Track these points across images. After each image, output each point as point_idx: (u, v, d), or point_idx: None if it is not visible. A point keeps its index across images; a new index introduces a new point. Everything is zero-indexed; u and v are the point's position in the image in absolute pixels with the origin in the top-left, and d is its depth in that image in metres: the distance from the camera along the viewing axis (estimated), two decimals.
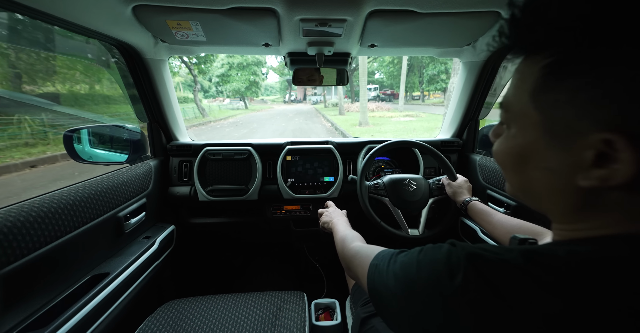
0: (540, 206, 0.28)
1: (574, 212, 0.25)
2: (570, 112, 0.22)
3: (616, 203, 0.22)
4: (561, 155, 0.23)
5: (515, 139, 0.27)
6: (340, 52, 0.98)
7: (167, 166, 1.14)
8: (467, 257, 0.24)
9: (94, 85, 8.39)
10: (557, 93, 0.22)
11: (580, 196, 0.23)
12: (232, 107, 22.65)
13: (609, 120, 0.20)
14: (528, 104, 0.24)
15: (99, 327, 0.65)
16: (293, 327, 0.73)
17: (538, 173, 0.26)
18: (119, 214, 0.80)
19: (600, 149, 0.20)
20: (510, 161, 0.28)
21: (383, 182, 0.96)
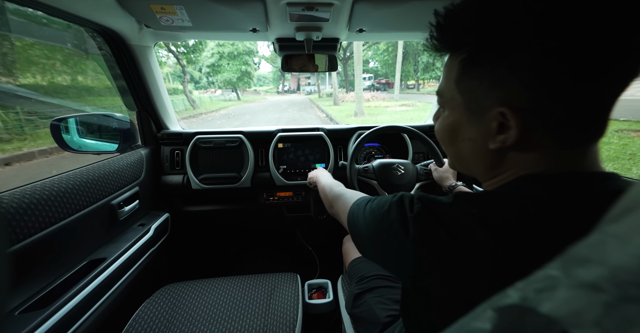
0: (470, 171, 0.37)
1: (490, 169, 0.33)
2: (480, 94, 0.29)
3: (512, 159, 0.31)
4: (477, 127, 0.31)
5: (448, 118, 0.35)
6: (329, 37, 0.97)
7: (158, 155, 1.14)
8: (418, 198, 0.33)
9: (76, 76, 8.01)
10: (471, 79, 0.30)
11: (492, 156, 0.32)
12: (224, 99, 22.22)
13: (501, 98, 0.28)
14: (454, 90, 0.32)
15: (97, 310, 0.67)
16: (287, 305, 0.77)
17: (464, 143, 0.34)
18: (112, 202, 0.81)
19: (499, 120, 0.28)
20: (446, 136, 0.36)
21: (372, 166, 0.98)
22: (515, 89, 0.27)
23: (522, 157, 0.30)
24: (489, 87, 0.28)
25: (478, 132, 0.31)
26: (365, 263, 0.80)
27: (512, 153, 0.30)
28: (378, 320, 0.62)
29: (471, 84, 0.30)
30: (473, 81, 0.29)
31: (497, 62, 0.27)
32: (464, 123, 0.33)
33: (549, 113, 0.26)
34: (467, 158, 0.35)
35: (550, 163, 0.29)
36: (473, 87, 0.30)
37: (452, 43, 0.30)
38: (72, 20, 0.74)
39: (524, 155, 0.30)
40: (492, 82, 0.28)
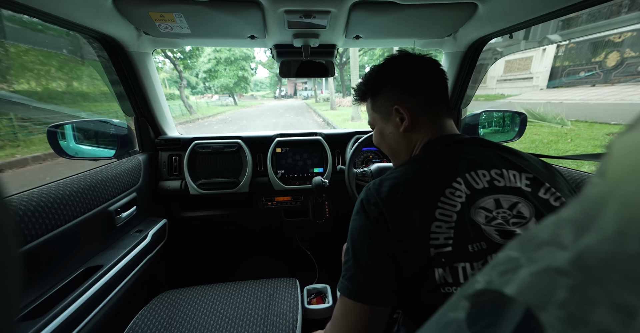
0: (400, 157, 0.58)
1: (407, 147, 0.56)
2: (383, 106, 0.57)
3: (415, 136, 0.55)
4: (390, 124, 0.56)
5: (377, 128, 0.61)
6: (326, 43, 0.99)
7: (156, 160, 1.14)
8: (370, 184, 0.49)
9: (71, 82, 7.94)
10: (377, 102, 0.59)
11: (404, 138, 0.55)
12: (221, 104, 22.24)
13: (392, 104, 0.55)
14: (373, 113, 0.61)
15: (94, 318, 0.66)
16: (286, 311, 0.76)
17: (389, 138, 0.58)
18: (109, 208, 0.80)
19: (398, 115, 0.54)
20: (379, 138, 0.60)
21: (370, 170, 0.99)
22: (396, 96, 0.55)
23: (419, 133, 0.54)
24: (385, 101, 0.56)
25: (392, 126, 0.56)
26: None
27: (413, 133, 0.54)
28: None
29: (378, 104, 0.58)
30: (378, 102, 0.58)
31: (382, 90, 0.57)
32: (384, 126, 0.58)
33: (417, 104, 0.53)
34: (394, 147, 0.58)
35: (431, 133, 0.53)
36: (380, 105, 0.58)
37: (363, 94, 0.61)
38: (72, 28, 0.75)
39: (419, 132, 0.54)
40: (385, 98, 0.57)
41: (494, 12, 0.77)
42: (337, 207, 1.24)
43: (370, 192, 0.46)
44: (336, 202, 1.24)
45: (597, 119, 5.81)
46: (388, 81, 0.55)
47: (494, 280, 0.13)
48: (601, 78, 11.53)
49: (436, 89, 0.55)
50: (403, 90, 0.54)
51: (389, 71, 0.56)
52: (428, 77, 0.54)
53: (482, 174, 0.44)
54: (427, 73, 0.55)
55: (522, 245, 0.13)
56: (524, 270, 0.12)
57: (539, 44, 12.04)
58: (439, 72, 0.55)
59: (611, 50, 11.56)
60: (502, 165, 0.45)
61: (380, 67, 0.58)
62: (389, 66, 0.57)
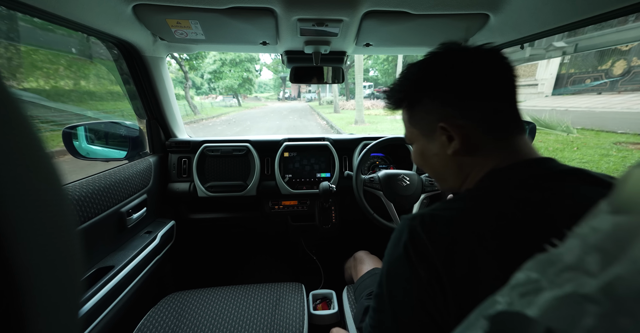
0: (448, 183, 0.45)
1: (458, 174, 0.42)
2: (425, 122, 0.43)
3: (470, 160, 0.40)
4: (435, 144, 0.42)
5: (416, 147, 0.47)
6: (337, 50, 1.01)
7: (166, 163, 1.16)
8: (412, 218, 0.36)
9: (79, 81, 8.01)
10: (415, 116, 0.45)
11: (454, 162, 0.41)
12: (225, 105, 22.40)
13: (438, 119, 0.40)
14: (411, 128, 0.47)
15: (104, 319, 0.67)
16: (292, 316, 0.77)
17: (433, 159, 0.45)
18: (121, 209, 0.82)
19: (445, 133, 0.39)
20: (420, 159, 0.47)
21: (378, 177, 0.99)
22: (442, 110, 0.40)
23: (476, 158, 0.39)
24: (427, 115, 0.42)
25: (436, 146, 0.42)
26: (374, 277, 0.80)
27: (467, 158, 0.40)
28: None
29: (417, 118, 0.45)
30: (417, 116, 0.44)
31: (422, 101, 0.42)
32: (425, 145, 0.45)
33: (473, 121, 0.38)
34: (440, 170, 0.45)
35: (497, 158, 0.38)
36: (419, 120, 0.44)
37: (397, 101, 0.47)
38: (91, 34, 0.77)
39: (476, 156, 0.39)
40: (427, 111, 0.42)
41: (506, 23, 0.77)
42: (344, 213, 1.25)
43: (418, 235, 0.33)
44: (343, 208, 1.25)
45: (603, 127, 5.77)
46: (429, 91, 0.41)
47: (514, 301, 0.13)
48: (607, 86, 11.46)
49: (501, 96, 0.38)
50: (451, 103, 0.39)
51: (430, 76, 0.41)
52: (489, 81, 0.38)
53: None
54: (487, 75, 0.38)
55: (542, 266, 0.13)
56: (547, 293, 0.12)
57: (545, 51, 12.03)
58: (505, 71, 0.38)
59: (618, 59, 11.50)
60: None
61: (418, 68, 0.42)
62: (429, 68, 0.41)
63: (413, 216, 0.35)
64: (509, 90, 0.39)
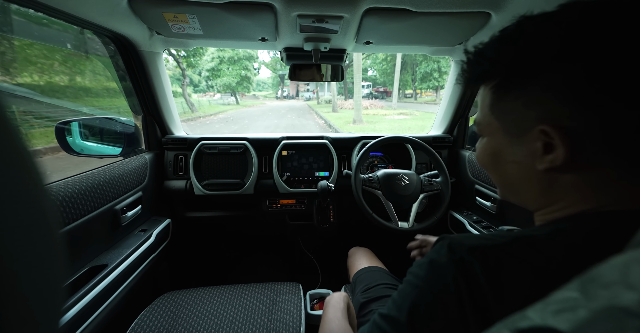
0: (520, 197, 0.34)
1: (543, 194, 0.30)
2: (517, 115, 0.29)
3: (569, 184, 0.28)
4: (520, 149, 0.30)
5: (488, 143, 0.34)
6: (336, 48, 0.99)
7: (162, 160, 1.14)
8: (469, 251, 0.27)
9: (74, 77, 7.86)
10: (505, 103, 0.30)
11: (542, 179, 0.29)
12: (223, 103, 22.27)
13: (540, 116, 0.27)
14: (490, 116, 0.33)
15: (97, 317, 0.65)
16: (289, 316, 0.76)
17: (509, 167, 0.32)
18: (115, 207, 0.80)
19: (544, 139, 0.27)
20: (487, 160, 0.35)
21: (377, 176, 0.99)
22: (552, 107, 0.26)
23: (582, 183, 0.27)
24: (525, 107, 0.28)
25: (522, 153, 0.30)
26: (370, 273, 0.79)
27: (567, 176, 0.27)
28: None
29: (505, 108, 0.30)
30: (507, 104, 0.30)
31: (528, 82, 0.27)
32: (505, 146, 0.32)
33: (596, 131, 0.24)
34: (516, 182, 0.33)
35: (617, 195, 0.25)
36: (508, 110, 0.30)
37: (482, 74, 0.32)
38: (86, 26, 0.75)
39: (583, 181, 0.27)
40: (526, 102, 0.28)
41: (508, 21, 0.77)
42: (342, 212, 1.24)
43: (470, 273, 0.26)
44: (341, 207, 1.24)
45: None
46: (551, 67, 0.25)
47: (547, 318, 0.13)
48: None
49: None
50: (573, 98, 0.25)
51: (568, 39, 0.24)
52: None
53: None
54: None
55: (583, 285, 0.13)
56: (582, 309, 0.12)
57: None
58: None
59: None
60: None
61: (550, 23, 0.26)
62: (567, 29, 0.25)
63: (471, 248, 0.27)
64: None
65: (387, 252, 1.15)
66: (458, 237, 0.29)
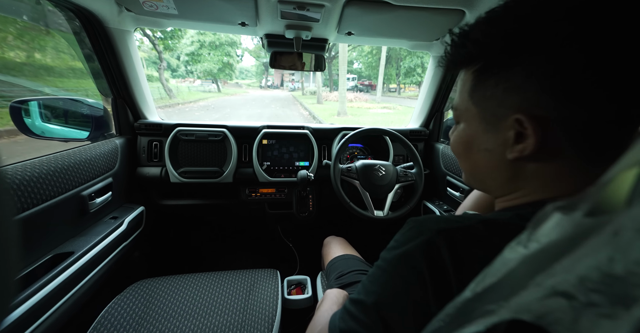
0: (485, 185, 0.36)
1: (508, 182, 0.32)
2: (494, 102, 0.29)
3: (533, 173, 0.29)
4: (494, 137, 0.30)
5: (463, 130, 0.34)
6: (318, 37, 0.99)
7: (134, 145, 1.09)
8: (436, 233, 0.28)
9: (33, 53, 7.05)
10: (484, 89, 0.30)
11: (510, 168, 0.30)
12: (204, 90, 21.29)
13: (517, 105, 0.27)
14: (468, 101, 0.32)
15: (63, 306, 0.63)
16: (266, 301, 0.77)
17: (480, 155, 0.33)
18: (82, 193, 0.76)
19: (517, 128, 0.27)
20: (461, 148, 0.35)
21: (355, 166, 1.01)
22: (531, 95, 0.26)
23: (544, 172, 0.28)
24: (504, 94, 0.28)
25: (494, 141, 0.30)
26: (344, 261, 0.82)
27: (532, 165, 0.29)
28: None
29: (485, 93, 0.30)
30: (486, 90, 0.29)
31: (511, 68, 0.27)
32: (479, 133, 0.32)
33: (572, 122, 0.25)
34: (484, 170, 0.33)
35: (578, 184, 0.27)
36: (487, 97, 0.29)
37: (466, 57, 0.31)
38: None
39: (546, 170, 0.28)
40: (507, 88, 0.27)
41: None
42: (321, 201, 1.27)
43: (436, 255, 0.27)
44: (320, 196, 1.26)
45: None
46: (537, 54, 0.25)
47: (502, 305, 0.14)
48: None
49: None
50: (555, 87, 0.25)
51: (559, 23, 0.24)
52: None
53: None
54: None
55: None
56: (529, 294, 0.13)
57: None
58: None
59: None
60: None
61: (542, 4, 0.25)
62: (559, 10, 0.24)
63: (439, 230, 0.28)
64: None
65: (362, 240, 1.20)
66: (426, 220, 0.30)
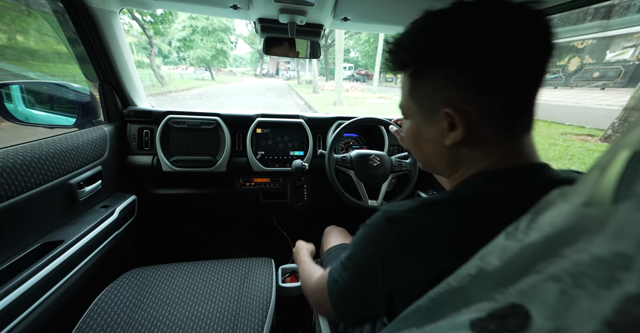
0: (436, 169, 0.42)
1: (451, 165, 0.38)
2: (428, 100, 0.35)
3: (467, 154, 0.36)
4: (433, 129, 0.36)
5: (410, 125, 0.40)
6: (313, 23, 0.95)
7: (124, 133, 1.06)
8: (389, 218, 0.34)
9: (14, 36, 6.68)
10: (419, 89, 0.36)
11: (449, 153, 0.37)
12: (197, 77, 20.72)
13: (445, 101, 0.33)
14: (409, 100, 0.38)
15: (54, 294, 0.63)
16: (261, 288, 0.78)
17: (426, 145, 0.39)
18: (70, 181, 0.74)
19: (448, 120, 0.33)
20: (411, 141, 0.41)
21: (350, 156, 1.01)
22: (454, 92, 0.32)
23: (474, 153, 0.35)
24: (434, 93, 0.34)
25: (434, 132, 0.36)
26: (342, 251, 0.83)
27: (465, 150, 0.36)
28: None
29: (420, 93, 0.36)
30: (421, 90, 0.36)
31: (434, 71, 0.33)
32: (422, 127, 0.38)
33: (488, 110, 0.32)
34: (432, 157, 0.40)
35: (495, 157, 0.34)
36: (422, 95, 0.36)
37: (401, 63, 0.36)
38: None
39: (475, 151, 0.35)
40: (435, 87, 0.34)
41: None
42: (316, 190, 1.27)
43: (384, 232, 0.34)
44: (315, 185, 1.26)
45: (555, 119, 6.36)
46: (447, 60, 0.31)
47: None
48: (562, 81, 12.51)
49: (529, 84, 0.31)
50: (466, 84, 0.31)
51: (456, 39, 0.30)
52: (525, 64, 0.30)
53: None
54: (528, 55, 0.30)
55: None
56: None
57: None
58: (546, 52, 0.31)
59: (574, 55, 12.48)
60: None
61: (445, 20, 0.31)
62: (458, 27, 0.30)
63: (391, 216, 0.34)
64: (544, 72, 0.31)
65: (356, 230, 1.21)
66: (388, 207, 0.36)
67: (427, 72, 0.34)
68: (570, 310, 0.11)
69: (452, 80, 0.32)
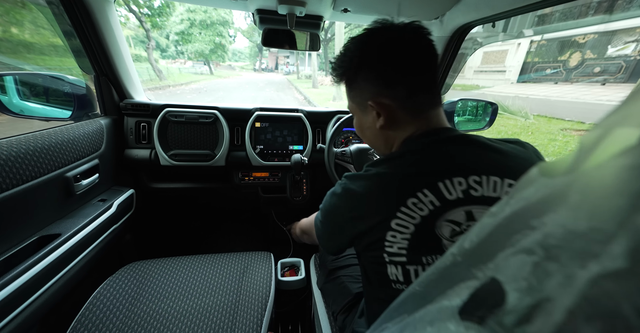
0: (380, 150, 0.54)
1: (387, 145, 0.51)
2: (359, 99, 0.50)
3: (393, 133, 0.49)
4: (368, 118, 0.50)
5: (356, 119, 0.54)
6: (313, 14, 0.93)
7: (121, 126, 1.05)
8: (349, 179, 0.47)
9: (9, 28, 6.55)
10: (353, 92, 0.51)
11: (383, 135, 0.50)
12: (195, 72, 20.49)
13: (368, 97, 0.47)
14: (350, 101, 0.53)
15: (52, 287, 0.63)
16: (260, 282, 0.78)
17: (368, 132, 0.52)
18: (67, 174, 0.74)
19: (375, 110, 0.46)
20: (359, 131, 0.55)
21: (350, 150, 1.00)
22: (373, 90, 0.46)
23: (397, 132, 0.48)
24: (361, 93, 0.49)
25: (370, 121, 0.49)
26: None
27: (391, 131, 0.49)
28: (349, 292, 0.67)
29: (354, 94, 0.51)
30: (354, 92, 0.50)
31: (356, 78, 0.48)
32: (361, 118, 0.52)
33: (399, 98, 0.45)
34: (374, 141, 0.53)
35: (412, 129, 0.47)
36: (355, 96, 0.50)
37: (338, 76, 0.51)
38: None
39: (398, 130, 0.48)
40: (361, 89, 0.48)
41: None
42: (315, 185, 1.26)
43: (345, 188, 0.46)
44: (314, 180, 1.26)
45: (555, 114, 6.35)
46: (360, 69, 0.46)
47: None
48: (563, 76, 12.44)
49: (419, 76, 0.44)
50: (377, 83, 0.45)
51: (362, 55, 0.45)
52: (410, 62, 0.44)
53: (457, 182, 0.39)
54: (410, 56, 0.43)
55: None
56: None
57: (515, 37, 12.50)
58: (425, 51, 0.44)
59: (575, 50, 12.37)
60: (483, 170, 0.40)
61: (354, 45, 0.46)
62: (361, 47, 0.46)
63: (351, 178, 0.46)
64: (426, 70, 0.45)
65: None
66: (350, 173, 0.48)
67: (353, 79, 0.49)
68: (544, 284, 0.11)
69: (368, 81, 0.46)
